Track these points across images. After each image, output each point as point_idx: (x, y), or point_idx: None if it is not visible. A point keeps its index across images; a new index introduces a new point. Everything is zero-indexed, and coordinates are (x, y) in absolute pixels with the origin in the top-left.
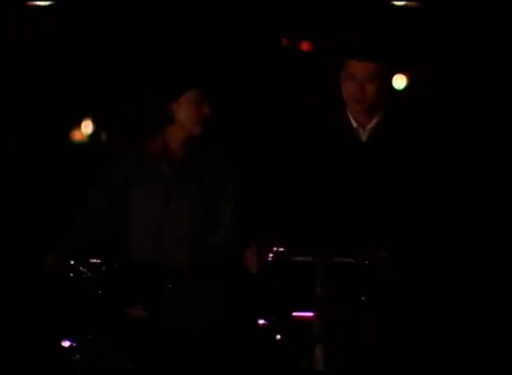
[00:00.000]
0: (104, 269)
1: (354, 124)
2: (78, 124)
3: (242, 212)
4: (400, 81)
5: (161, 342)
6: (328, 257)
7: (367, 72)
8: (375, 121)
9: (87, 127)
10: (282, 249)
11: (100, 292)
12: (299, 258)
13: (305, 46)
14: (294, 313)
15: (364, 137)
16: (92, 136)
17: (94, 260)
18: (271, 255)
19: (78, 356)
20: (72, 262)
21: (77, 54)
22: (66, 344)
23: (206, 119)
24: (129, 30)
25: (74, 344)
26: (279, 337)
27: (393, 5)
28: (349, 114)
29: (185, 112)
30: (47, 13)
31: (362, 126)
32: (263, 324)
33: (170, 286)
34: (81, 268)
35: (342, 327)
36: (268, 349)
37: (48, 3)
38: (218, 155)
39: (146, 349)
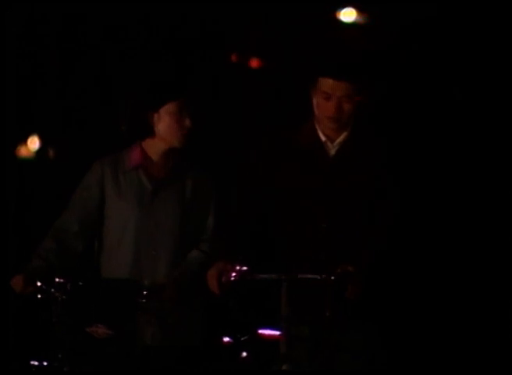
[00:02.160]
0: (69, 287)
1: (323, 138)
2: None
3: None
4: None
5: (133, 359)
6: (292, 274)
7: (345, 92)
8: (343, 136)
9: (33, 143)
10: (245, 268)
11: (66, 312)
12: (263, 276)
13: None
14: (260, 331)
15: (332, 151)
16: (39, 152)
17: (59, 279)
18: (233, 274)
19: None
20: (39, 284)
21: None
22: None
23: (187, 132)
24: (103, 35)
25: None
26: (244, 354)
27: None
28: (317, 127)
29: (165, 123)
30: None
31: (330, 140)
32: (227, 342)
33: (144, 301)
34: (48, 289)
35: (308, 345)
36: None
37: None
38: (199, 167)
39: (117, 368)
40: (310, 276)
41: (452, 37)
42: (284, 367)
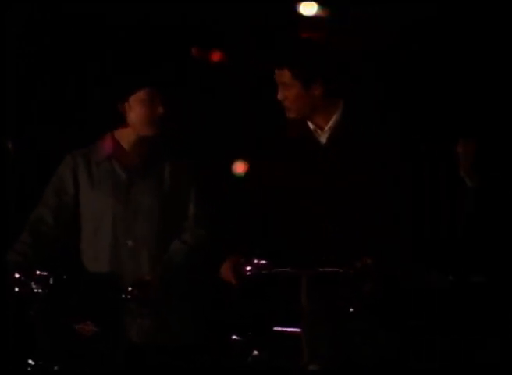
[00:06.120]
0: (51, 281)
1: (311, 126)
2: None
3: (207, 215)
4: None
5: (118, 359)
6: (311, 268)
7: (280, 79)
8: (332, 121)
9: None
10: (262, 262)
11: (48, 307)
12: (282, 270)
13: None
14: (276, 328)
15: (323, 138)
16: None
17: (41, 272)
18: (249, 267)
19: None
20: (17, 276)
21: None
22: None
23: (159, 120)
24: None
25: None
26: (256, 352)
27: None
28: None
29: (136, 112)
30: None
31: (320, 127)
32: (236, 340)
33: (129, 297)
34: (28, 282)
35: (330, 341)
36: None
37: None
38: (178, 155)
39: (101, 367)
40: (330, 270)
41: (451, 37)
42: (309, 366)
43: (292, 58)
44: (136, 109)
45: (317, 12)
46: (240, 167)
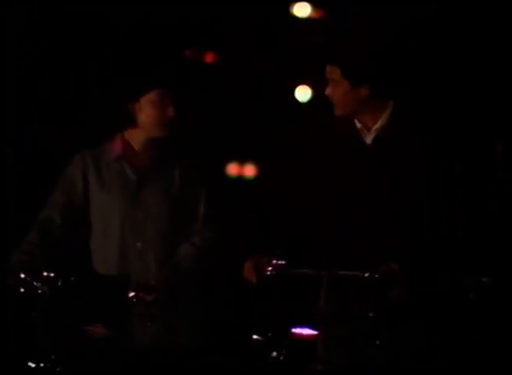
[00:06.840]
0: (60, 283)
1: (358, 125)
2: None
3: (217, 216)
4: (303, 93)
5: (126, 363)
6: (333, 270)
7: (330, 75)
8: (379, 123)
9: None
10: (282, 262)
11: (55, 309)
12: (301, 271)
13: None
14: (294, 330)
15: (369, 139)
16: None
17: (48, 273)
18: (270, 268)
19: None
20: (22, 276)
21: None
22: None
23: (169, 122)
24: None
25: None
26: (274, 353)
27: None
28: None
29: (147, 113)
30: None
31: (367, 127)
32: (257, 340)
33: (135, 300)
34: (34, 282)
35: (347, 346)
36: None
37: None
38: (188, 157)
39: (109, 371)
40: (352, 273)
41: (451, 37)
42: (319, 367)
43: (343, 57)
44: (146, 110)
45: (310, 13)
46: (249, 168)
